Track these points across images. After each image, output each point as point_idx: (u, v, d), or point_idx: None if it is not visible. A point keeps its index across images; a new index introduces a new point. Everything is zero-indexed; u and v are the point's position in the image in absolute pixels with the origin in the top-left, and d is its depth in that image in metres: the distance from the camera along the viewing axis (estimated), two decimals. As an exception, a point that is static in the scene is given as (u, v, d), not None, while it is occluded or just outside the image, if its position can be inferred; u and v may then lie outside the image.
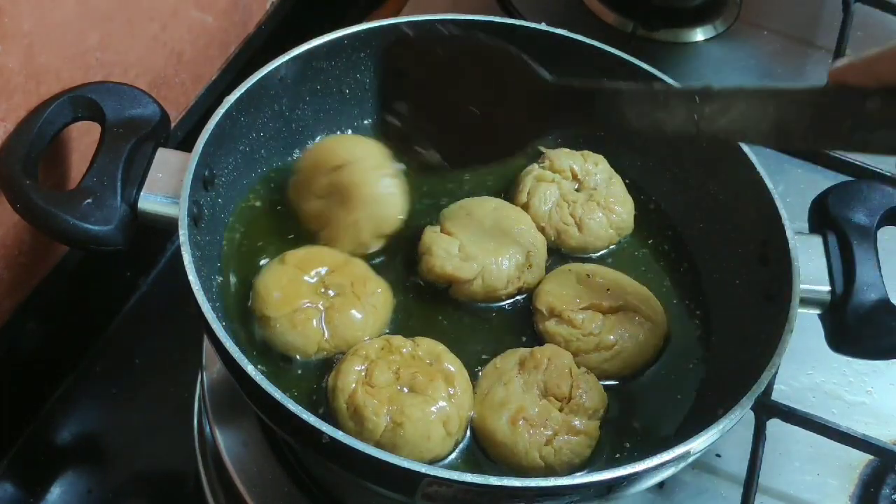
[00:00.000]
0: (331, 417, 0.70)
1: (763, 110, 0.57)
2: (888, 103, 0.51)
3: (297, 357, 0.73)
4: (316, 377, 0.73)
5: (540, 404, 0.70)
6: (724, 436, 0.63)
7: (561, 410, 0.70)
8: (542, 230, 0.83)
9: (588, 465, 0.70)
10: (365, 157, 0.79)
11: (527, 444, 0.68)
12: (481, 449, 0.70)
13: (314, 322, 0.72)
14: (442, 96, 0.72)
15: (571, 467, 0.69)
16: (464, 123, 0.71)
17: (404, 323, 0.77)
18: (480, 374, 0.73)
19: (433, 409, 0.67)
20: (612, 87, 0.65)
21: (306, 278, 0.74)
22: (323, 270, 0.75)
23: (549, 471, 0.67)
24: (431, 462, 0.68)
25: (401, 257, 0.81)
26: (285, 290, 0.73)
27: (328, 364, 0.73)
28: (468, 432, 0.71)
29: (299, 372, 0.73)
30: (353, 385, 0.69)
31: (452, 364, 0.71)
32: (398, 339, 0.72)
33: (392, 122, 0.75)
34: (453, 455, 0.70)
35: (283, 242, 0.80)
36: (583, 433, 0.69)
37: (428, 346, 0.72)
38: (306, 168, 0.81)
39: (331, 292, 0.74)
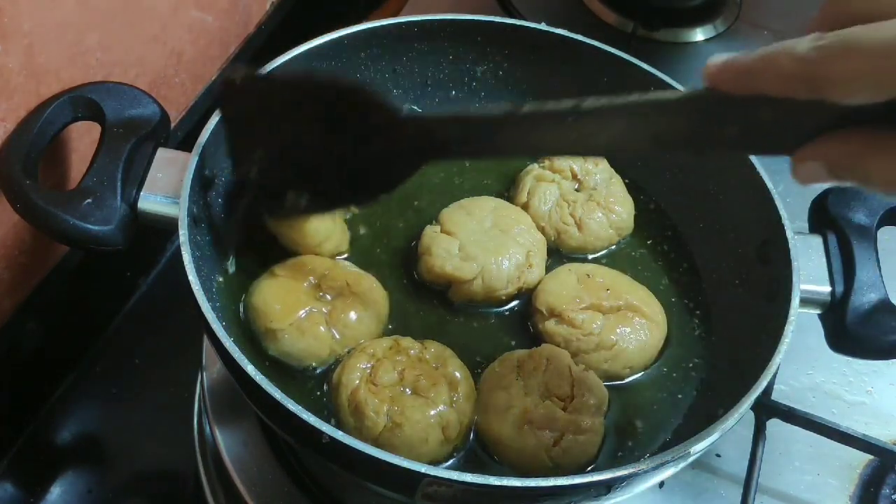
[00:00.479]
0: (333, 413, 0.70)
1: (641, 125, 0.53)
2: (774, 110, 0.47)
3: (313, 365, 0.72)
4: (318, 378, 0.73)
5: (543, 406, 0.70)
6: (724, 436, 0.63)
7: (565, 410, 0.70)
8: (542, 230, 0.83)
9: (594, 462, 0.70)
10: None
11: (534, 447, 0.68)
12: (488, 454, 0.70)
13: (321, 327, 0.72)
14: (295, 140, 0.66)
15: (579, 466, 0.69)
16: (328, 166, 0.66)
17: (404, 323, 0.77)
18: (480, 378, 0.73)
19: (433, 412, 0.68)
20: (472, 116, 0.59)
21: (302, 286, 0.74)
22: (315, 277, 0.75)
23: (558, 471, 0.67)
24: (427, 466, 0.68)
25: (400, 257, 0.81)
26: (284, 301, 0.73)
27: (333, 367, 0.73)
28: (470, 439, 0.71)
29: (302, 373, 0.73)
30: (357, 382, 0.69)
31: (458, 370, 0.71)
32: (407, 341, 0.72)
33: (252, 176, 0.68)
34: (455, 458, 0.70)
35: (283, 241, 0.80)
36: (589, 431, 0.69)
37: (436, 350, 0.72)
38: None
39: (328, 296, 0.74)
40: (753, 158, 0.78)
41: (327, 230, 0.77)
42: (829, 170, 0.46)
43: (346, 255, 0.80)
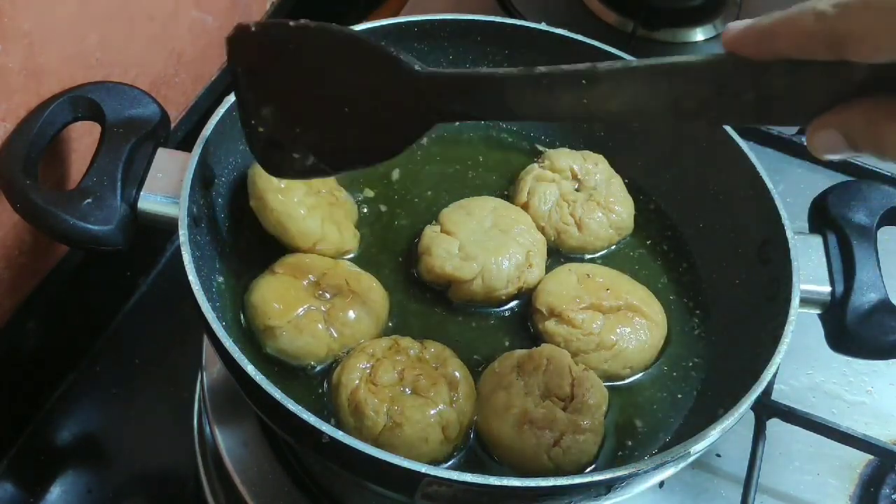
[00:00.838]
0: (333, 413, 0.70)
1: (657, 89, 0.52)
2: (793, 76, 0.47)
3: (311, 363, 0.73)
4: (318, 378, 0.73)
5: (543, 406, 0.70)
6: (724, 436, 0.63)
7: (564, 410, 0.70)
8: (541, 230, 0.83)
9: (594, 463, 0.70)
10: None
11: (534, 447, 0.68)
12: (487, 453, 0.70)
13: (319, 325, 0.72)
14: (306, 95, 0.64)
15: (579, 466, 0.69)
16: (338, 122, 0.64)
17: (403, 323, 0.77)
18: (480, 378, 0.73)
19: (433, 412, 0.68)
20: (487, 74, 0.59)
21: (301, 284, 0.74)
22: (314, 275, 0.75)
23: (558, 472, 0.67)
24: (428, 466, 0.68)
25: (400, 257, 0.81)
26: (283, 299, 0.73)
27: (332, 366, 0.73)
28: (470, 439, 0.71)
29: (302, 373, 0.73)
30: (357, 381, 0.69)
31: (458, 370, 0.71)
32: (406, 340, 0.72)
33: (260, 131, 0.66)
34: (455, 458, 0.70)
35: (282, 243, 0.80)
36: (589, 431, 0.69)
37: (435, 350, 0.72)
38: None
39: (327, 294, 0.74)
40: (753, 158, 0.78)
41: (315, 233, 0.76)
42: (847, 139, 0.45)
43: (350, 255, 0.81)
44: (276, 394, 0.59)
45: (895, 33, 0.41)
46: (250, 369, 0.60)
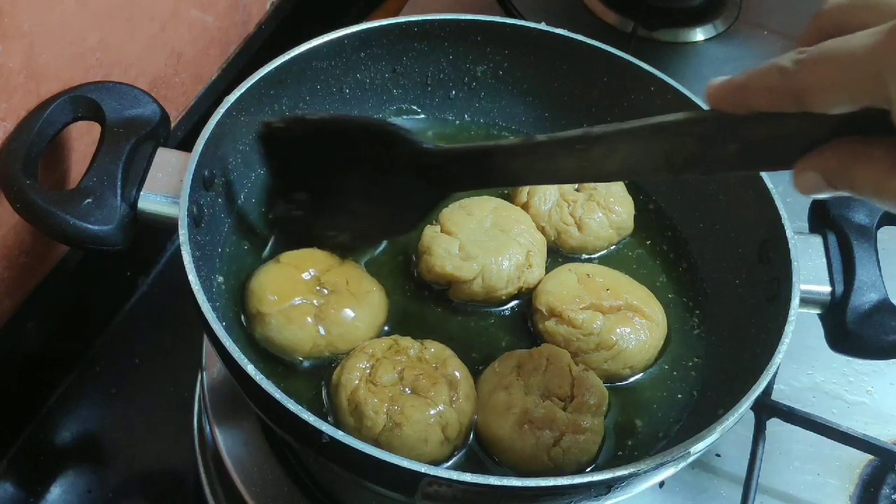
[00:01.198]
0: (332, 414, 0.70)
1: (648, 147, 0.55)
2: (768, 127, 0.49)
3: (294, 357, 0.73)
4: (318, 378, 0.73)
5: (544, 406, 0.70)
6: (724, 436, 0.63)
7: (564, 410, 0.70)
8: (542, 230, 0.83)
9: (594, 463, 0.70)
10: None
11: (534, 447, 0.68)
12: (487, 454, 0.70)
13: (309, 318, 0.72)
14: (334, 176, 0.72)
15: (580, 466, 0.69)
16: (366, 199, 0.72)
17: (403, 323, 0.77)
18: (480, 378, 0.73)
19: (433, 412, 0.67)
20: (491, 147, 0.64)
21: (301, 276, 0.74)
22: (318, 270, 0.75)
23: (558, 472, 0.67)
24: (427, 466, 0.68)
25: (400, 257, 0.81)
26: (280, 288, 0.73)
27: (330, 367, 0.73)
28: (470, 439, 0.71)
29: (301, 373, 0.73)
30: (357, 382, 0.69)
31: (458, 370, 0.71)
32: (406, 340, 0.72)
33: (295, 213, 0.75)
34: (455, 458, 0.70)
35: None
36: (589, 431, 0.69)
37: (435, 350, 0.72)
38: None
39: (325, 290, 0.74)
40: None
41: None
42: (825, 179, 0.48)
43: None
44: (277, 394, 0.59)
45: (847, 87, 0.43)
46: (250, 369, 0.60)
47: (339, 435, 0.58)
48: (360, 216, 0.74)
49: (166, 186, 0.72)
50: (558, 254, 0.84)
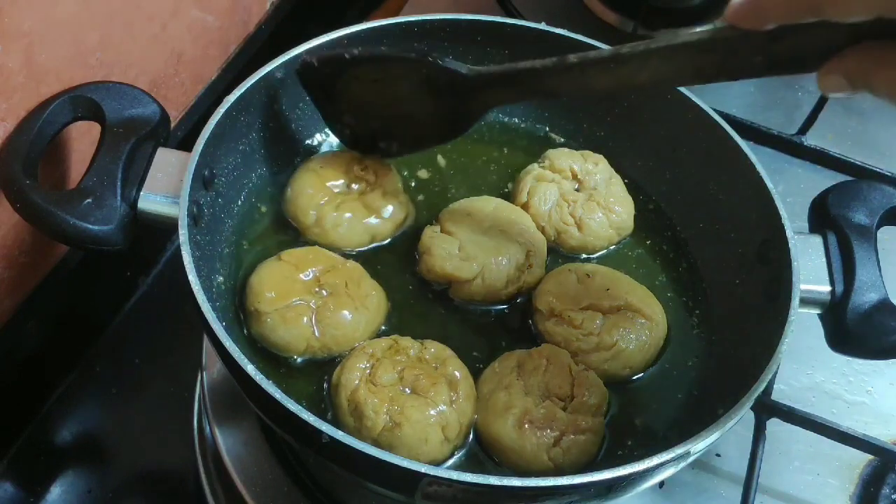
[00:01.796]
0: (332, 414, 0.70)
1: (677, 62, 0.61)
2: (790, 38, 0.54)
3: (287, 355, 0.73)
4: (318, 378, 0.73)
5: (544, 405, 0.70)
6: (724, 436, 0.63)
7: (565, 410, 0.70)
8: (542, 230, 0.83)
9: (594, 463, 0.70)
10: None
11: (535, 447, 0.68)
12: (487, 454, 0.70)
13: (305, 319, 0.72)
14: (377, 101, 0.77)
15: (580, 466, 0.69)
16: (409, 121, 0.78)
17: (402, 323, 0.77)
18: (480, 378, 0.73)
19: (433, 412, 0.67)
20: (527, 67, 0.69)
21: (301, 276, 0.74)
22: (318, 270, 0.75)
23: (558, 472, 0.67)
24: (428, 466, 0.68)
25: (400, 257, 0.81)
26: (279, 287, 0.73)
27: (330, 366, 0.73)
28: (469, 439, 0.71)
29: (301, 373, 0.73)
30: (357, 382, 0.69)
31: (458, 370, 0.71)
32: (406, 340, 0.72)
33: (346, 132, 0.82)
34: (455, 458, 0.70)
35: (282, 242, 0.80)
36: (589, 431, 0.69)
37: (435, 350, 0.72)
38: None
39: (324, 291, 0.74)
40: (753, 158, 0.79)
41: (316, 209, 0.80)
42: (848, 81, 0.52)
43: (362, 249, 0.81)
44: (277, 394, 0.59)
45: None
46: (250, 369, 0.60)
47: (339, 435, 0.58)
48: (406, 131, 0.80)
49: (166, 186, 0.72)
50: (558, 254, 0.84)
